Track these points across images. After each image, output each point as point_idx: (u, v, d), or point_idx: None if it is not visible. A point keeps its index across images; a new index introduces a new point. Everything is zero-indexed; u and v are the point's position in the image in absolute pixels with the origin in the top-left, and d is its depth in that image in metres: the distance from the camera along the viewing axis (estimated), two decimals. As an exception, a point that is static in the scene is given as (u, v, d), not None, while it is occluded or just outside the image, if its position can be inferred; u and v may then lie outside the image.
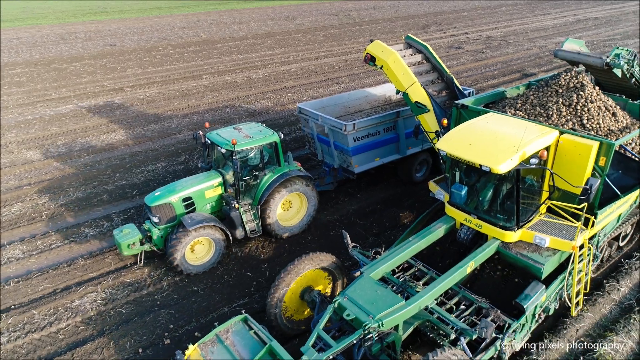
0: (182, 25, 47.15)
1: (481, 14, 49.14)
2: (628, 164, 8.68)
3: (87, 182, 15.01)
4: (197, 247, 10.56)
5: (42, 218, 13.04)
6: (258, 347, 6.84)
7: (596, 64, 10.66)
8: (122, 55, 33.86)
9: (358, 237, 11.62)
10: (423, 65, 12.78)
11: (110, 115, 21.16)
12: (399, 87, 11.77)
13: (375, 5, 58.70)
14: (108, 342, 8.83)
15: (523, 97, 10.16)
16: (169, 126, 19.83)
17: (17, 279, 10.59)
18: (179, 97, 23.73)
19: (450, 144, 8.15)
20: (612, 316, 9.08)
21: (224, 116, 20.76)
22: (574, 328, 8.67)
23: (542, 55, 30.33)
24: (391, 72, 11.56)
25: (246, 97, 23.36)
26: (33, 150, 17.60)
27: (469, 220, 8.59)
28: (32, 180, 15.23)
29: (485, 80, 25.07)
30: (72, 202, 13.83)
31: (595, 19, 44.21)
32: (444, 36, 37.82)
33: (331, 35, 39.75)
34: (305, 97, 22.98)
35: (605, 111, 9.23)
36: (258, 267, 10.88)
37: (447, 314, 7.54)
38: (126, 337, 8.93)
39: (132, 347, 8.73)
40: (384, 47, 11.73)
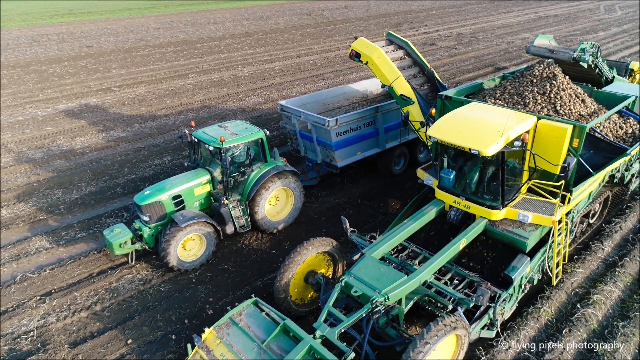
0: (157, 26, 47.05)
1: (449, 13, 51.17)
2: (598, 144, 9.52)
3: (97, 177, 15.42)
4: (188, 243, 10.72)
5: (60, 211, 13.43)
6: (272, 326, 7.20)
7: (565, 58, 11.45)
8: (102, 56, 33.75)
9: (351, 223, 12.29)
10: (405, 60, 13.40)
11: (105, 114, 21.41)
12: (384, 81, 12.29)
13: (346, 5, 60.03)
14: (154, 315, 9.50)
15: (501, 88, 10.92)
16: (165, 123, 20.31)
17: (51, 267, 11.04)
18: (170, 95, 24.14)
19: (441, 131, 8.80)
20: (599, 271, 10.41)
21: (218, 112, 21.38)
22: (569, 282, 9.94)
23: (510, 50, 32.21)
24: (376, 67, 12.11)
25: (236, 94, 24.01)
26: (33, 149, 17.77)
27: (457, 202, 9.29)
28: (40, 177, 15.50)
29: (462, 74, 26.56)
30: (87, 195, 14.25)
31: (555, 16, 46.88)
32: (416, 34, 39.37)
33: (308, 34, 40.68)
34: (293, 93, 23.83)
35: (576, 98, 10.14)
36: (281, 246, 11.72)
37: (445, 286, 8.24)
38: (170, 311, 9.63)
39: (178, 318, 9.44)
40: (368, 44, 12.25)
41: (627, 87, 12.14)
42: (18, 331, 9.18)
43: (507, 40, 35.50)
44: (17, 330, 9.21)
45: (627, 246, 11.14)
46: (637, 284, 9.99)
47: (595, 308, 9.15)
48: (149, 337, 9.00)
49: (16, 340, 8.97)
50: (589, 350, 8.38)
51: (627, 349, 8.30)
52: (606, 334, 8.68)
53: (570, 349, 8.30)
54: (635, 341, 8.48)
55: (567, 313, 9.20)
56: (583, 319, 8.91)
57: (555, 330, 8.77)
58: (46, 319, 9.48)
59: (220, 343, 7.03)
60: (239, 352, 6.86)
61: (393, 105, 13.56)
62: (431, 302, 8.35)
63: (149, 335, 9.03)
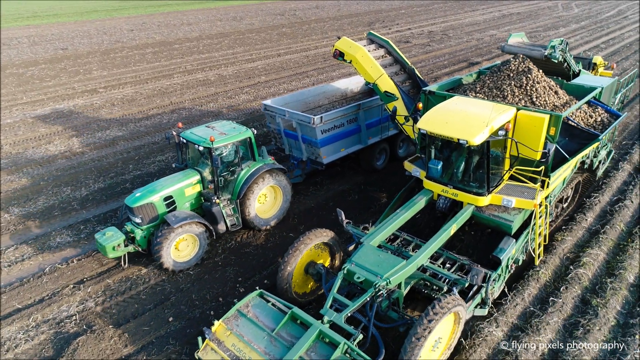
0: (130, 28, 46.66)
1: (418, 12, 52.90)
2: (572, 132, 9.96)
3: (103, 174, 15.74)
4: (181, 244, 10.78)
5: (73, 207, 13.75)
6: (279, 315, 7.45)
7: (537, 56, 11.98)
8: (79, 58, 33.45)
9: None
10: (386, 58, 13.73)
11: (96, 115, 21.54)
12: (368, 79, 12.66)
13: (317, 5, 60.99)
14: (189, 295, 10.13)
15: (480, 82, 11.39)
16: (160, 121, 20.66)
17: (78, 257, 11.45)
18: (158, 95, 24.41)
19: (430, 123, 9.28)
20: (585, 238, 11.70)
21: (210, 110, 21.87)
22: (560, 248, 11.15)
23: (481, 46, 33.92)
24: (360, 65, 12.49)
25: (225, 93, 24.53)
26: (30, 150, 17.84)
27: (445, 190, 9.78)
28: (45, 177, 15.68)
29: (439, 69, 27.91)
30: (97, 192, 14.59)
31: (518, 14, 49.28)
32: (390, 32, 40.71)
33: (284, 34, 41.38)
34: (281, 91, 24.54)
35: (549, 90, 10.72)
36: (297, 229, 12.48)
37: (440, 269, 8.72)
38: (204, 290, 10.27)
39: (213, 296, 10.09)
40: (351, 43, 12.61)
41: (593, 79, 13.09)
42: (60, 316, 9.62)
43: (477, 37, 37.28)
44: (58, 315, 9.65)
45: (607, 216, 12.49)
46: (618, 247, 11.31)
47: (586, 268, 10.38)
48: (188, 314, 9.62)
49: (60, 324, 9.42)
50: (584, 302, 9.58)
51: (616, 301, 9.53)
52: (597, 289, 9.91)
53: (568, 303, 9.46)
54: (622, 294, 9.73)
55: (562, 274, 10.40)
56: (576, 277, 10.11)
57: (554, 289, 9.93)
58: (84, 304, 9.94)
59: (230, 334, 7.26)
60: (250, 341, 7.11)
61: (374, 103, 14.07)
62: (426, 286, 8.87)
63: (187, 313, 9.65)
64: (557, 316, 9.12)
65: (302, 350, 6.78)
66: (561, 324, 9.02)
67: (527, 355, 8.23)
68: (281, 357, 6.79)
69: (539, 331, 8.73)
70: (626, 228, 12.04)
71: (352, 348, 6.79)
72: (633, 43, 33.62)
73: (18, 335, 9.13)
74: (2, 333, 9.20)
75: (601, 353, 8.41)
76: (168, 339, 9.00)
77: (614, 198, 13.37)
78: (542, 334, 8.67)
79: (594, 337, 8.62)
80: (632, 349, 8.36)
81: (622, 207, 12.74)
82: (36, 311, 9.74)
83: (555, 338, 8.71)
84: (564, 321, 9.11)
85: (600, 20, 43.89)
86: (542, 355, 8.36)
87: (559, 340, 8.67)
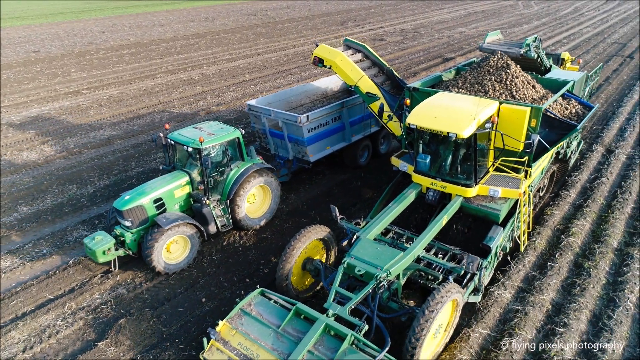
0: (101, 30, 45.96)
1: (387, 11, 54.31)
2: (552, 123, 10.24)
3: (106, 172, 15.95)
4: (172, 246, 10.74)
5: (83, 203, 13.98)
6: (283, 311, 7.53)
7: (514, 55, 12.24)
8: (54, 61, 32.92)
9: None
10: (364, 62, 14.05)
11: (85, 115, 21.51)
12: (349, 82, 12.93)
13: (287, 5, 61.58)
14: (217, 278, 10.68)
15: (462, 78, 11.69)
16: (152, 120, 20.87)
17: (100, 250, 11.77)
18: (145, 95, 24.52)
19: (419, 118, 9.51)
20: (571, 212, 12.92)
21: (200, 108, 22.22)
22: (551, 221, 12.31)
23: (452, 43, 35.41)
24: (340, 70, 12.84)
25: (212, 91, 24.87)
26: (25, 151, 17.78)
27: (434, 183, 10.04)
28: (47, 176, 15.76)
29: (416, 65, 29.07)
30: (103, 188, 14.84)
31: (482, 12, 51.41)
32: (363, 30, 41.82)
33: (260, 34, 41.82)
34: (267, 88, 25.10)
35: (527, 84, 11.14)
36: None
37: (436, 258, 9.04)
38: (230, 273, 10.85)
39: (240, 278, 10.68)
40: (329, 49, 12.96)
41: (565, 73, 13.63)
42: (94, 303, 9.99)
43: (447, 34, 38.82)
44: (92, 302, 10.01)
45: (587, 192, 13.78)
46: (600, 218, 12.56)
47: (575, 237, 11.55)
48: (220, 295, 10.19)
49: (96, 310, 9.80)
50: (577, 265, 10.72)
51: (605, 263, 10.72)
52: (587, 254, 11.08)
53: (563, 267, 10.57)
54: (609, 257, 10.93)
55: (555, 243, 11.54)
56: (568, 245, 11.26)
57: (550, 255, 11.04)
58: (116, 291, 10.34)
59: (236, 333, 7.31)
60: (257, 338, 7.16)
61: (357, 101, 14.31)
62: (421, 276, 9.06)
63: (218, 294, 10.21)
64: (555, 278, 10.21)
65: (310, 344, 6.88)
66: (560, 285, 10.11)
67: (534, 312, 9.24)
68: (289, 352, 6.87)
69: (542, 291, 9.77)
70: (605, 201, 13.35)
71: (359, 339, 6.96)
72: (591, 38, 35.92)
73: (57, 323, 9.46)
74: (39, 322, 9.50)
75: (597, 306, 9.53)
76: (205, 317, 9.55)
77: (592, 176, 14.72)
78: (544, 294, 9.72)
79: (589, 294, 9.73)
80: (622, 302, 9.50)
81: (600, 184, 14.07)
82: (69, 300, 10.07)
83: (556, 296, 9.78)
84: (562, 282, 10.20)
85: (559, 17, 46.42)
86: (547, 310, 9.40)
87: (560, 298, 9.74)
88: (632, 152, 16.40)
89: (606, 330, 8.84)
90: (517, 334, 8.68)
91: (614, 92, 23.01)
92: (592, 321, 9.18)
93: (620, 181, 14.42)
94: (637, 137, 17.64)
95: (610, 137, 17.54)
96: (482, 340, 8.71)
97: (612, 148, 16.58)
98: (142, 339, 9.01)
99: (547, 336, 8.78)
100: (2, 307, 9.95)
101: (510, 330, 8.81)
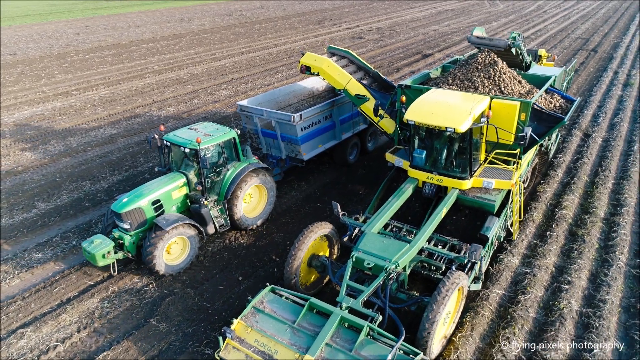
0: (75, 32, 45.33)
1: (360, 10, 55.62)
2: (540, 116, 10.65)
3: (116, 168, 16.32)
4: (172, 247, 10.73)
5: (102, 198, 14.36)
6: (296, 307, 7.63)
7: (501, 45, 12.40)
8: (34, 63, 32.51)
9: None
10: (349, 67, 14.54)
11: (81, 115, 21.64)
12: (337, 86, 13.26)
13: (261, 5, 62.07)
14: (249, 258, 11.40)
15: (451, 75, 12.05)
16: (150, 118, 21.22)
17: (129, 239, 12.26)
18: (138, 94, 24.75)
19: (417, 114, 9.84)
20: (560, 189, 14.25)
21: (197, 105, 22.69)
22: (544, 197, 13.58)
23: (428, 40, 36.90)
24: (328, 75, 13.21)
25: (204, 90, 25.33)
26: (28, 151, 17.89)
27: (431, 177, 10.38)
28: (56, 174, 16.00)
29: (397, 62, 30.30)
30: (117, 183, 15.24)
31: (452, 10, 53.42)
32: (341, 29, 42.89)
33: (240, 34, 42.27)
34: (258, 86, 25.74)
35: (514, 80, 11.64)
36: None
37: (440, 249, 9.40)
38: (259, 255, 11.59)
39: (269, 258, 11.43)
40: (316, 57, 13.29)
41: (545, 69, 14.27)
42: (136, 286, 10.54)
43: (422, 32, 40.36)
44: (134, 286, 10.56)
45: (572, 172, 15.18)
46: (586, 193, 13.94)
47: (567, 210, 12.85)
48: (254, 274, 10.92)
49: (140, 292, 10.36)
50: (572, 234, 12.00)
51: (595, 230, 12.02)
52: (579, 224, 12.39)
53: (560, 235, 11.82)
54: (599, 225, 12.26)
55: (550, 215, 12.80)
56: (562, 217, 12.53)
57: (547, 226, 12.28)
58: (154, 275, 10.90)
59: (251, 331, 7.39)
60: (274, 335, 7.26)
61: (346, 99, 14.44)
62: (423, 267, 9.42)
63: (253, 273, 10.94)
64: (554, 245, 11.43)
65: (328, 337, 7.06)
66: (559, 250, 11.34)
67: (541, 273, 10.40)
68: (308, 346, 7.01)
69: (545, 256, 10.97)
70: (589, 179, 14.77)
71: (374, 329, 7.18)
72: (557, 34, 38.14)
73: (104, 305, 9.98)
74: (86, 305, 9.99)
75: (594, 267, 10.79)
76: (245, 293, 10.26)
77: (575, 158, 16.17)
78: (547, 258, 10.91)
79: (586, 257, 10.98)
80: (614, 262, 10.78)
81: (582, 164, 15.51)
82: (111, 285, 10.57)
83: (557, 260, 11.00)
84: (560, 248, 11.44)
85: (524, 14, 48.82)
86: (551, 272, 10.59)
87: (561, 261, 10.96)
88: (606, 135, 18.02)
89: (604, 285, 10.09)
90: (528, 292, 9.82)
91: (583, 83, 24.85)
92: (591, 279, 10.43)
93: (600, 161, 15.92)
94: (609, 123, 19.32)
95: (586, 122, 19.14)
96: (499, 299, 9.80)
97: (589, 132, 18.15)
98: (190, 315, 9.67)
99: (554, 293, 9.95)
100: (46, 295, 10.38)
101: (523, 290, 9.94)
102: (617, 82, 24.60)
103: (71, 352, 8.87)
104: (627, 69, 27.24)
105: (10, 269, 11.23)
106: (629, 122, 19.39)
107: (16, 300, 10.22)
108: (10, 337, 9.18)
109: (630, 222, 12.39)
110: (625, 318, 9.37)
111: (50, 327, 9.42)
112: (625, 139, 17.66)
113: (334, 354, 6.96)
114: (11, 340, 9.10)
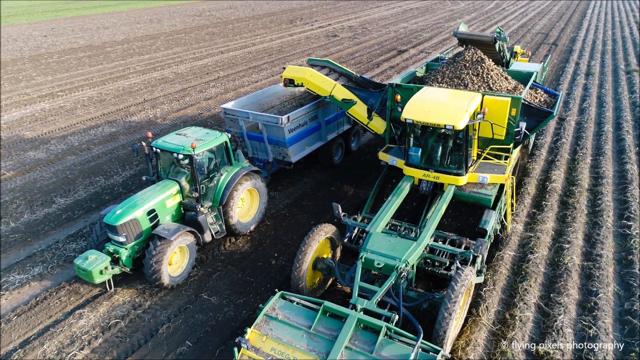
0: (42, 34, 44.26)
1: (328, 9, 56.84)
2: (529, 111, 10.99)
3: (127, 163, 16.67)
4: (173, 257, 10.32)
5: (120, 191, 14.74)
6: (309, 312, 7.46)
7: (487, 39, 12.67)
8: (7, 66, 31.82)
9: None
10: (332, 75, 14.82)
11: (74, 115, 21.65)
12: (323, 93, 13.37)
13: (230, 5, 62.24)
14: (276, 240, 12.22)
15: (440, 74, 12.27)
16: (146, 117, 21.51)
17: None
18: (126, 94, 24.87)
19: (414, 113, 9.94)
20: (546, 166, 15.81)
21: (191, 103, 23.10)
22: (534, 173, 15.07)
23: (400, 37, 38.48)
24: (312, 84, 13.36)
25: (194, 88, 25.72)
26: (30, 151, 17.90)
27: (427, 174, 10.42)
28: (66, 171, 16.19)
29: (375, 58, 31.58)
30: (132, 177, 15.62)
31: (417, 9, 55.50)
32: (314, 28, 43.93)
33: (214, 34, 42.54)
34: (246, 83, 26.37)
35: (501, 76, 11.92)
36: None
37: (445, 245, 9.41)
38: (287, 235, 12.42)
39: (297, 237, 12.29)
40: (298, 68, 13.51)
41: (525, 65, 14.92)
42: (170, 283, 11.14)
43: (393, 30, 41.95)
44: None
45: (554, 150, 16.83)
46: (570, 168, 15.56)
47: (556, 183, 14.37)
48: (287, 250, 11.75)
49: (183, 273, 10.99)
50: (563, 203, 13.50)
51: (584, 199, 13.58)
52: (568, 194, 13.92)
53: (554, 204, 13.28)
54: (585, 194, 13.83)
55: (542, 188, 14.28)
56: (552, 189, 14.03)
57: (541, 197, 13.73)
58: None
59: (267, 339, 7.12)
60: (291, 341, 7.02)
61: None
62: (427, 263, 9.43)
63: (286, 250, 11.78)
64: (550, 213, 12.87)
65: (346, 340, 6.92)
66: (555, 217, 12.79)
67: (543, 236, 11.78)
68: (327, 350, 6.84)
69: (544, 222, 12.37)
70: (570, 156, 16.44)
71: (392, 329, 7.08)
72: (518, 30, 40.62)
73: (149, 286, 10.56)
74: (133, 286, 10.55)
75: (587, 229, 12.28)
76: (283, 268, 11.09)
77: (554, 139, 17.86)
78: (546, 224, 12.31)
79: (578, 221, 12.47)
80: (603, 224, 12.29)
81: (562, 144, 17.20)
82: (153, 268, 11.14)
83: (555, 225, 12.43)
84: (555, 215, 12.89)
85: (485, 12, 51.45)
86: (551, 235, 11.99)
87: (558, 226, 12.40)
88: (578, 118, 19.91)
89: (598, 243, 11.57)
90: (535, 252, 11.15)
91: (550, 74, 26.91)
92: (585, 239, 11.89)
93: (576, 141, 17.66)
94: (579, 108, 21.27)
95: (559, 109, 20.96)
96: (511, 259, 11.09)
97: (564, 117, 19.96)
98: (237, 289, 10.42)
99: (557, 251, 11.33)
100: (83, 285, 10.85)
101: (530, 250, 11.26)
102: (580, 72, 26.84)
103: (132, 327, 9.45)
104: (587, 60, 29.65)
105: (47, 258, 11.58)
106: (595, 107, 21.41)
107: (64, 286, 10.62)
108: (71, 317, 9.65)
109: (611, 190, 14.05)
110: (619, 268, 10.86)
111: (106, 307, 9.94)
112: (595, 122, 19.58)
113: (355, 356, 6.82)
114: (74, 317, 9.57)
